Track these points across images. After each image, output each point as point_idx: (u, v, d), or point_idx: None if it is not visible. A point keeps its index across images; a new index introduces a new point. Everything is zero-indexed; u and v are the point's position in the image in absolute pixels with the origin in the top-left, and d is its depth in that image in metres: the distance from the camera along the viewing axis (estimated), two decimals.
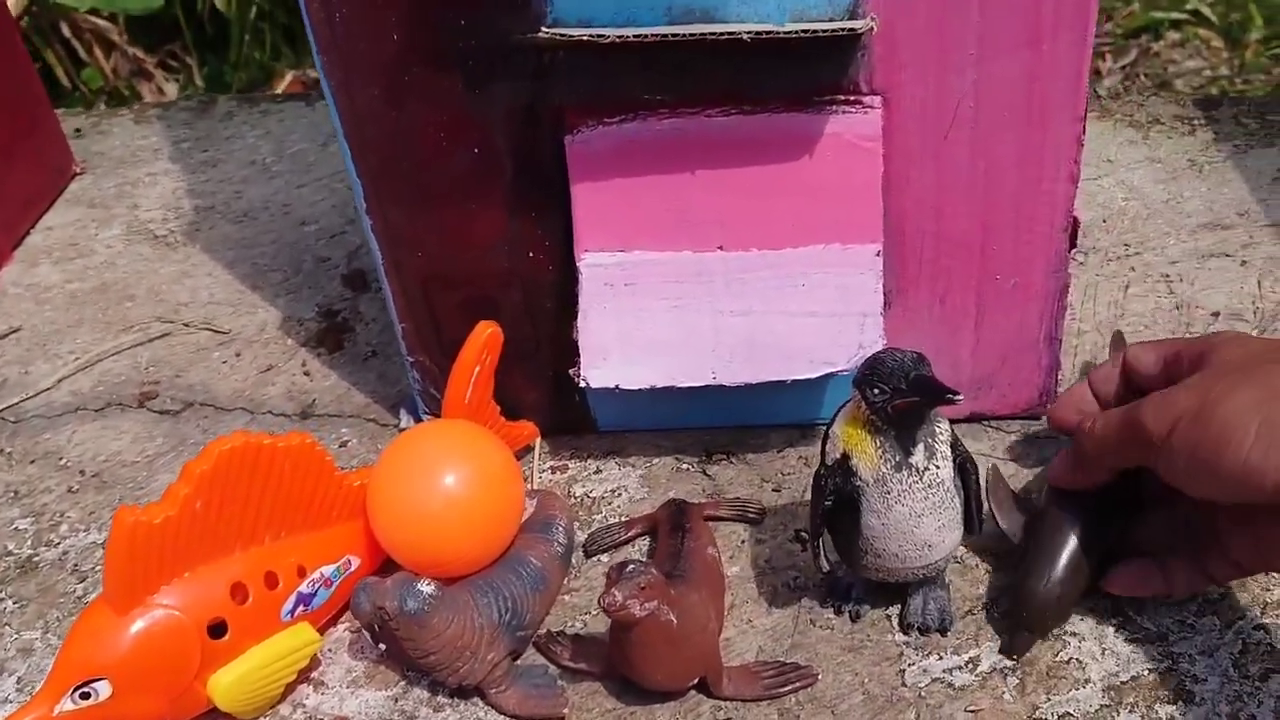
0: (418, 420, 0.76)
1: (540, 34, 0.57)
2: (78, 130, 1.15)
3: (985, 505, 0.60)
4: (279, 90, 1.40)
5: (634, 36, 0.56)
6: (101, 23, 1.38)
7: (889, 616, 0.62)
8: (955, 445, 0.56)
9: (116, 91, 1.40)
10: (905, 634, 0.61)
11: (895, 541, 0.56)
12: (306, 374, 0.83)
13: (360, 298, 0.90)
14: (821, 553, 0.59)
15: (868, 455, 0.55)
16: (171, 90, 1.41)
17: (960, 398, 0.51)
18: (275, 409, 0.80)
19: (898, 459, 0.54)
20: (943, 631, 0.60)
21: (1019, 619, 0.59)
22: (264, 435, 0.58)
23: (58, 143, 1.07)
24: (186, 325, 0.89)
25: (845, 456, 0.56)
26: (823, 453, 0.58)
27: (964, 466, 0.57)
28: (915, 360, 0.53)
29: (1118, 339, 0.73)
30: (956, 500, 0.56)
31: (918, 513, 0.55)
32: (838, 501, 0.56)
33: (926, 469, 0.55)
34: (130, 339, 0.88)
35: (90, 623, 0.56)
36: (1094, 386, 0.64)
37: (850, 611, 0.62)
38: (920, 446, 0.54)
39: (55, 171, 1.06)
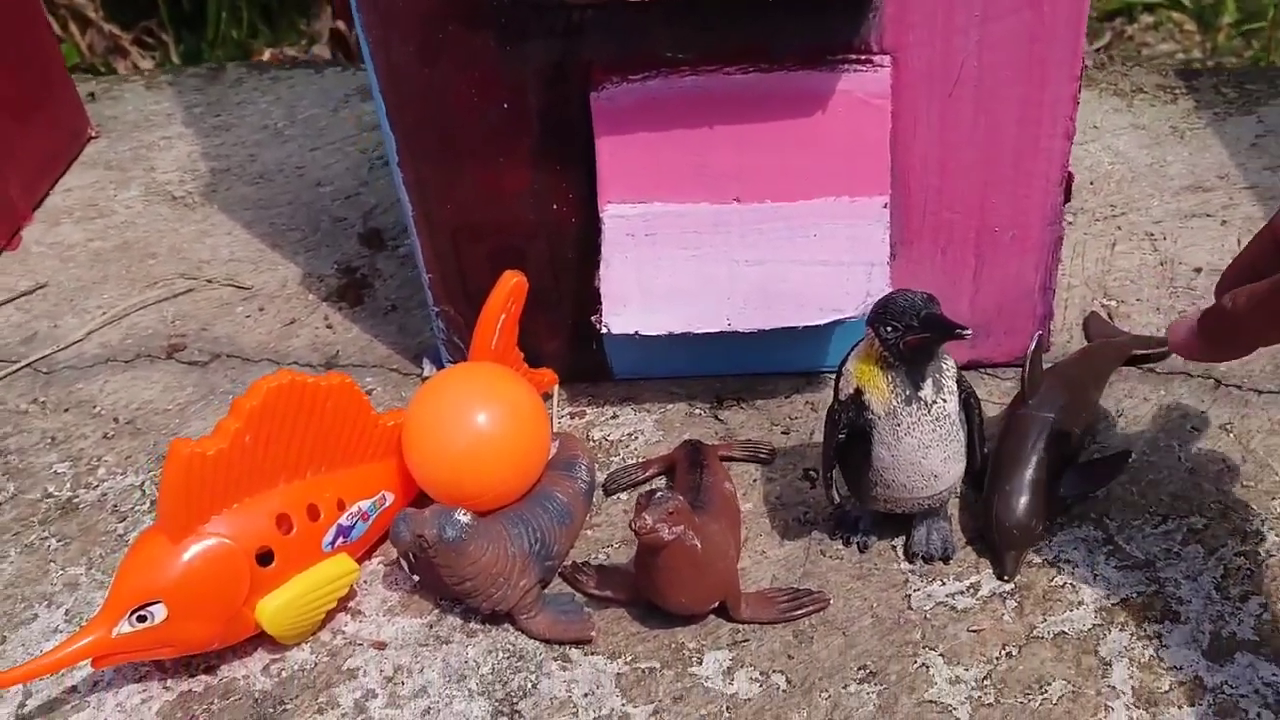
0: (440, 369, 0.79)
1: None
2: (91, 95, 1.17)
3: None
4: None
5: None
6: None
7: (894, 547, 0.65)
8: (960, 381, 0.60)
9: (93, 68, 1.40)
10: (910, 562, 0.64)
11: (904, 472, 0.60)
12: (329, 327, 0.86)
13: (378, 255, 0.93)
14: (833, 485, 0.63)
15: (880, 390, 0.58)
16: (148, 67, 1.42)
17: (969, 332, 0.55)
18: (300, 359, 0.83)
19: (908, 393, 0.58)
20: (945, 560, 0.64)
21: (993, 543, 0.63)
22: (307, 375, 0.61)
23: (74, 106, 1.09)
24: (209, 281, 0.91)
25: (858, 391, 0.59)
26: (836, 389, 0.61)
27: (968, 401, 0.60)
28: (926, 299, 0.56)
29: (1094, 320, 0.78)
30: (961, 433, 0.60)
31: (925, 444, 0.59)
32: (849, 435, 0.60)
33: (934, 403, 0.58)
34: (155, 294, 0.91)
35: (146, 549, 0.59)
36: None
37: (858, 542, 0.65)
38: (929, 381, 0.58)
39: (72, 134, 1.08)
